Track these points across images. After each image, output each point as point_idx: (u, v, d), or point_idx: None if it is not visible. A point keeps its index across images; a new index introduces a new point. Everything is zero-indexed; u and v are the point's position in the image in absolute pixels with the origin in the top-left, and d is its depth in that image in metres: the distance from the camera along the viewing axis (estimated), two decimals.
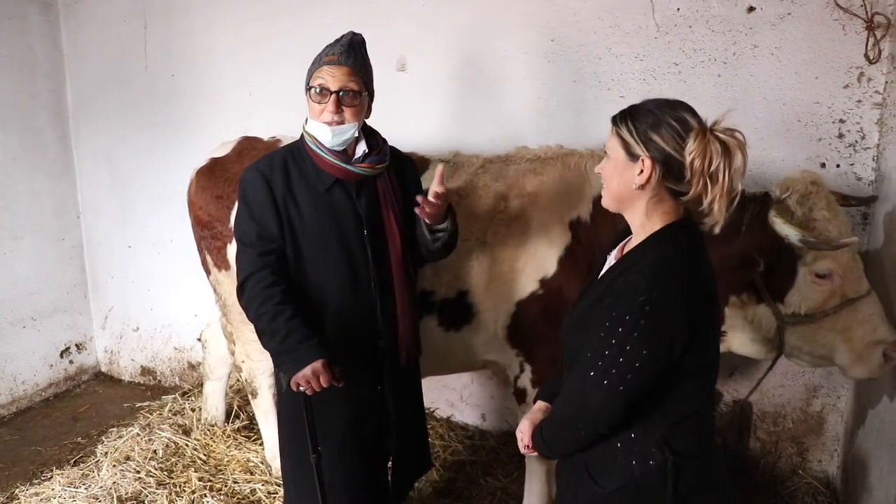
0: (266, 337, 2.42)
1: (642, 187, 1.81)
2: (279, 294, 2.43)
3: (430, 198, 2.47)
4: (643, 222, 1.87)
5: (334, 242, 2.55)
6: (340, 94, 2.46)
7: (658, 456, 1.80)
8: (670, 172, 1.77)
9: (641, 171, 1.79)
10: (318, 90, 2.47)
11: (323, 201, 2.54)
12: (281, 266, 2.52)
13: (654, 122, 1.78)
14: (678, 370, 1.77)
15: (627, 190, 1.85)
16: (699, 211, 1.80)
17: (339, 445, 2.64)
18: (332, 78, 2.46)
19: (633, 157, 1.81)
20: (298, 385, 2.34)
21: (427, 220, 2.57)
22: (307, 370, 2.30)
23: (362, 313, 2.62)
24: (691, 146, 1.71)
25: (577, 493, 1.96)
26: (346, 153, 2.56)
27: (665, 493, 1.79)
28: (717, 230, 1.79)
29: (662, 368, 1.74)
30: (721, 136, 1.71)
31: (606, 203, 1.96)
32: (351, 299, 2.59)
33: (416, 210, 2.53)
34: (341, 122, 2.48)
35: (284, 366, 2.38)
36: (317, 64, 2.51)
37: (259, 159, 2.64)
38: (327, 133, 2.49)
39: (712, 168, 1.70)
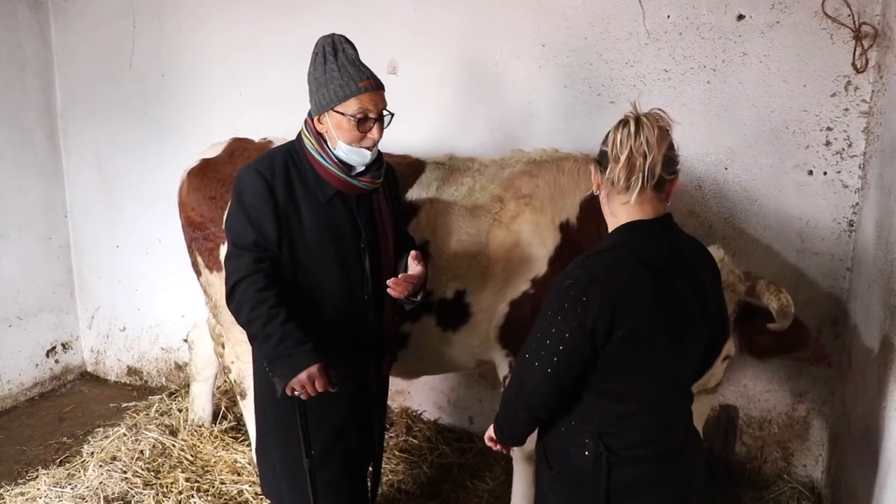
0: (259, 341, 2.39)
1: (598, 188, 2.03)
2: (272, 297, 2.38)
3: (404, 278, 2.53)
4: (610, 224, 2.03)
5: (331, 252, 2.53)
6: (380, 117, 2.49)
7: (592, 447, 1.92)
8: (602, 165, 1.97)
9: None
10: (363, 119, 2.42)
11: (324, 211, 2.52)
12: (274, 270, 2.46)
13: (603, 141, 1.99)
14: (610, 362, 1.87)
15: (599, 198, 2.06)
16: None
17: (325, 449, 2.63)
18: (375, 106, 2.44)
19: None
20: (293, 390, 2.31)
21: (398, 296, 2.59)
22: (303, 375, 2.27)
23: (353, 322, 2.61)
24: (609, 136, 1.93)
25: (541, 473, 2.16)
26: (347, 165, 2.53)
27: (599, 485, 1.91)
28: (632, 200, 1.88)
29: (587, 354, 1.85)
30: (628, 117, 1.90)
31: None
32: (344, 307, 2.59)
33: (388, 290, 2.54)
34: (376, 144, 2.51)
35: (279, 370, 2.33)
36: (350, 90, 2.39)
37: (258, 160, 2.56)
38: (367, 157, 2.50)
39: (617, 142, 1.89)
